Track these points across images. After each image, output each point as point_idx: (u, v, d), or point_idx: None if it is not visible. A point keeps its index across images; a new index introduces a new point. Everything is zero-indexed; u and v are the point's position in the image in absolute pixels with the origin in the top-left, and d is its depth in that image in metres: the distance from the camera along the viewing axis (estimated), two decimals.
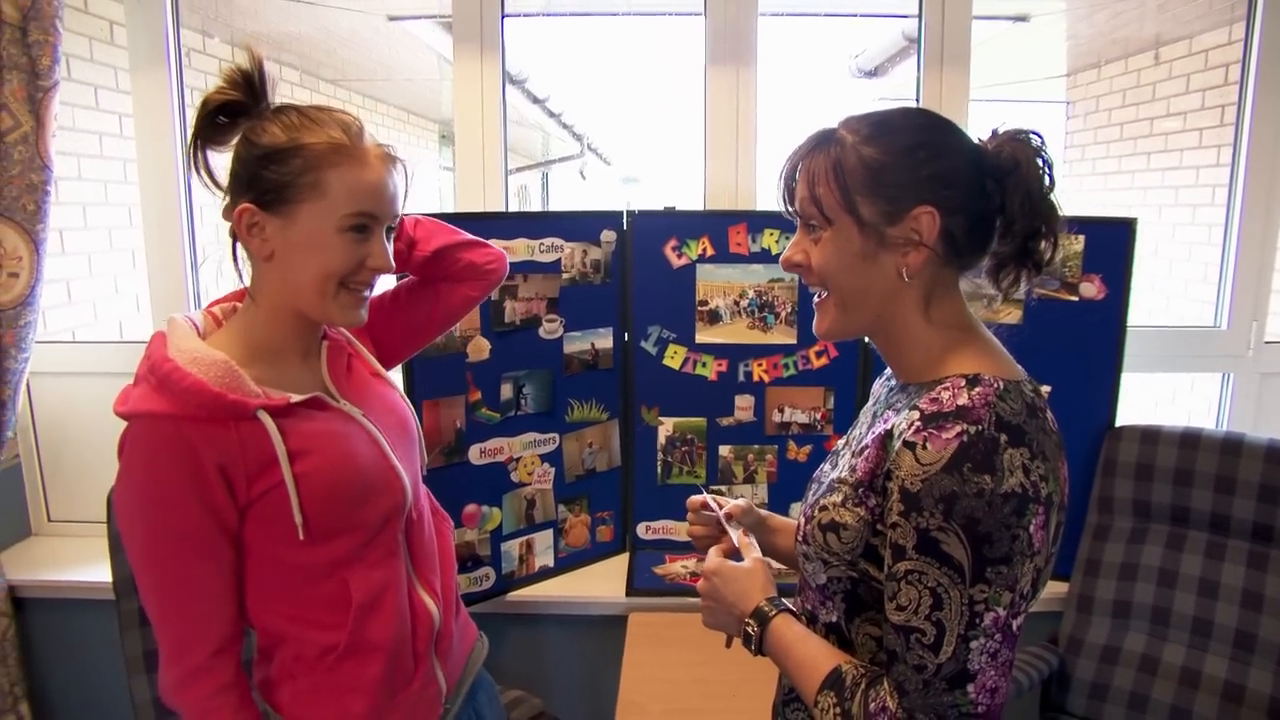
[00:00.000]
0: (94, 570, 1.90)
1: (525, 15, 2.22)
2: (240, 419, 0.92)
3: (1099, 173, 3.74)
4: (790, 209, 0.92)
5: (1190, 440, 1.71)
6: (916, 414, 0.80)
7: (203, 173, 0.99)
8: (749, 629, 0.95)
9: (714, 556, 1.04)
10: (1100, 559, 1.76)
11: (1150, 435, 1.75)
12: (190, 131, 0.99)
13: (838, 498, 0.87)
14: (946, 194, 0.84)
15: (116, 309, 2.42)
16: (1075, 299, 1.77)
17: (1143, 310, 3.22)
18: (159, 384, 0.91)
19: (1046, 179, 0.86)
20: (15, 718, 1.90)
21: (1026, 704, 1.73)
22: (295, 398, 0.97)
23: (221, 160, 1.01)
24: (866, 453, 0.85)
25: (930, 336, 0.88)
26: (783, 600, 0.96)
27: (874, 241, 0.85)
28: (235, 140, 0.98)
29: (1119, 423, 1.81)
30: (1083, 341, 1.78)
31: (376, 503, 1.02)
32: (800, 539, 0.94)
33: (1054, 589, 1.81)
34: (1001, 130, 0.88)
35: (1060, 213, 0.87)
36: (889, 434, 0.83)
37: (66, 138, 2.17)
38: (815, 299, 0.93)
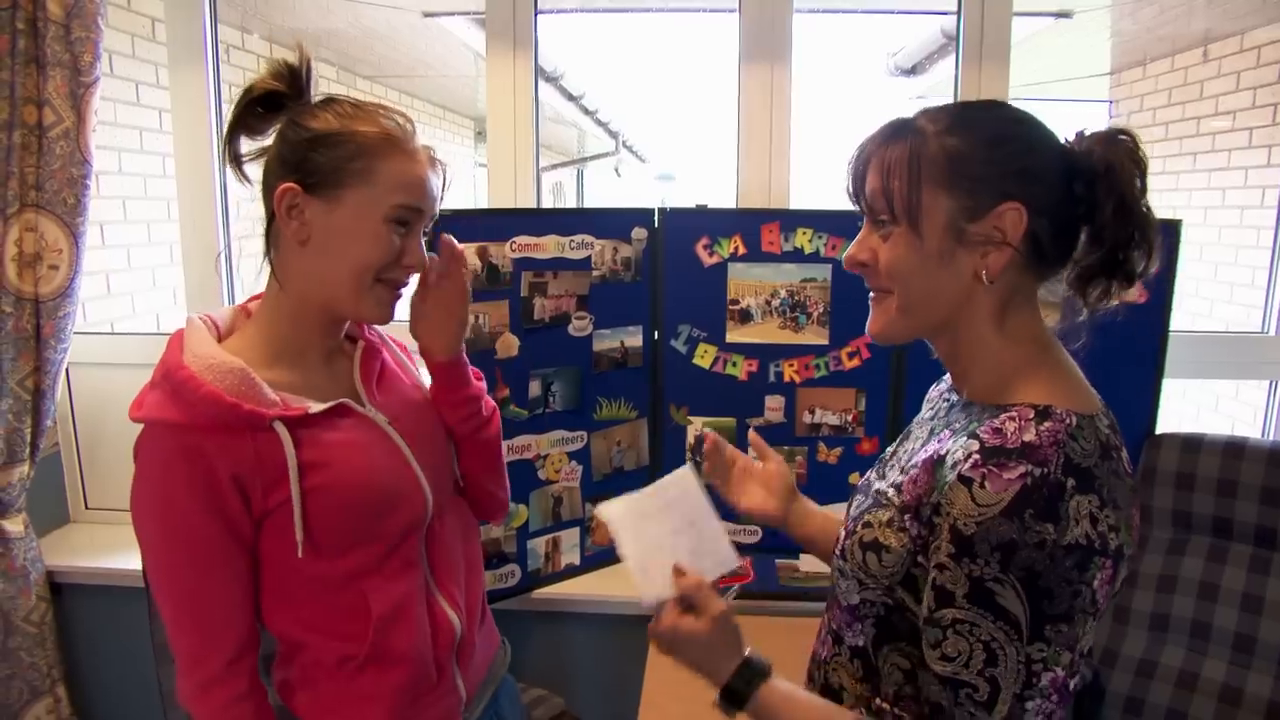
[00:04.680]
0: (129, 558, 1.93)
1: (559, 11, 2.22)
2: (257, 429, 0.91)
3: None
4: (859, 203, 0.85)
5: (1234, 449, 1.66)
6: (976, 444, 0.73)
7: (230, 157, 0.99)
8: (724, 709, 0.88)
9: (667, 617, 0.92)
10: (1138, 570, 1.72)
11: (1192, 444, 1.70)
12: (229, 116, 0.98)
13: (884, 516, 0.81)
14: (1034, 191, 0.77)
15: (154, 302, 2.46)
16: (1115, 302, 1.72)
17: (1186, 315, 3.16)
18: (173, 392, 0.90)
19: (1140, 184, 0.79)
20: (53, 699, 1.94)
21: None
22: (315, 407, 0.95)
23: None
24: (914, 474, 0.79)
25: (1003, 351, 0.81)
26: (754, 660, 0.89)
27: (952, 239, 0.78)
28: (270, 130, 0.98)
29: (1159, 430, 1.76)
30: (1123, 346, 1.73)
31: (396, 515, 1.00)
32: (838, 553, 0.87)
33: None
34: (1090, 132, 0.81)
35: (1155, 221, 0.80)
36: (941, 459, 0.76)
37: (107, 133, 2.21)
38: (871, 295, 0.85)
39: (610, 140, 6.59)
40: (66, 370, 1.92)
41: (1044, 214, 0.78)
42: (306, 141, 0.94)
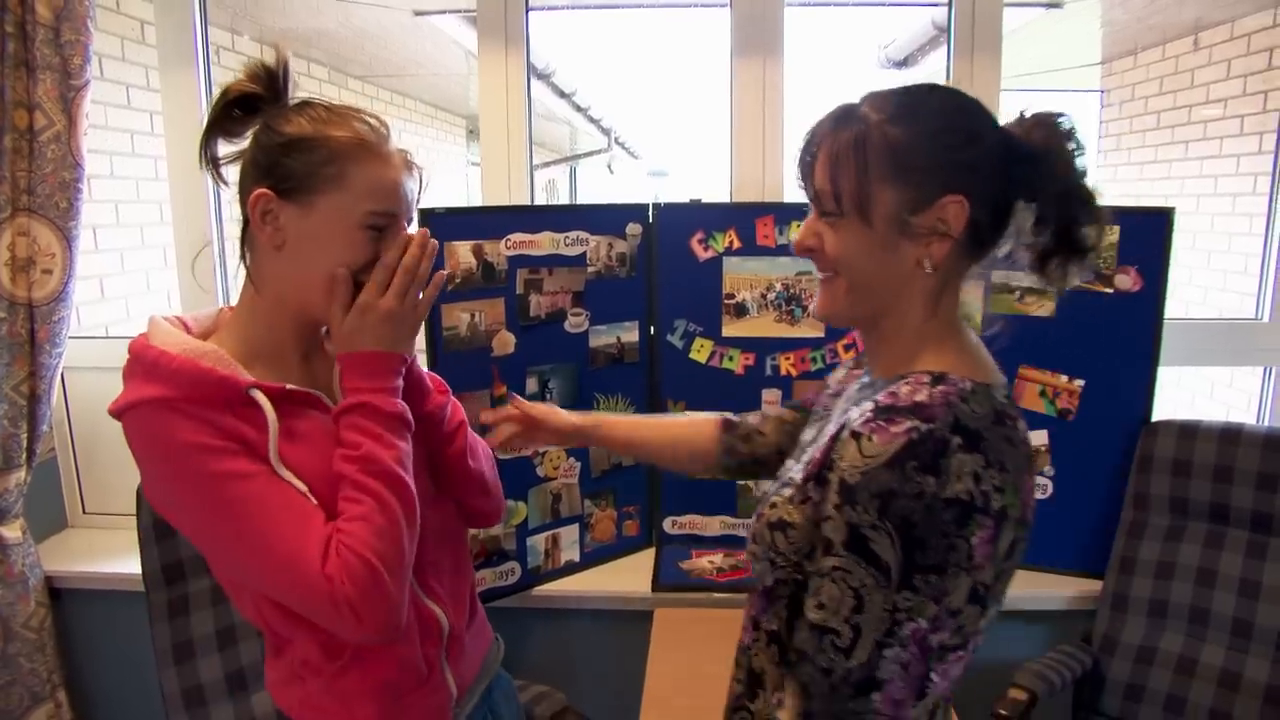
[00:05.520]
0: (127, 562, 1.93)
1: (550, 9, 2.21)
2: (235, 403, 0.89)
3: (1134, 162, 3.67)
4: (807, 189, 0.87)
5: (1230, 436, 1.66)
6: (871, 405, 0.76)
7: (207, 160, 0.98)
8: None
9: None
10: (1136, 557, 1.72)
11: (1189, 430, 1.71)
12: (206, 118, 0.98)
13: (788, 493, 0.82)
14: (976, 182, 0.79)
15: (148, 305, 2.46)
16: (1110, 291, 1.73)
17: (1180, 303, 3.17)
18: (146, 372, 0.88)
19: (1079, 165, 0.82)
20: (53, 705, 1.94)
21: (1059, 704, 1.70)
22: (288, 385, 0.95)
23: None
24: (818, 451, 0.81)
25: (923, 330, 0.84)
26: None
27: (895, 230, 0.80)
28: (248, 133, 0.97)
29: (1155, 418, 1.77)
30: (1118, 334, 1.74)
31: None
32: (750, 537, 0.89)
33: (1087, 587, 1.78)
34: (1030, 114, 0.83)
35: (1097, 197, 0.83)
36: (841, 429, 0.78)
37: (99, 136, 2.21)
38: (820, 277, 0.88)
39: (603, 137, 6.59)
40: (62, 375, 1.92)
41: (985, 203, 0.80)
42: (280, 146, 0.93)
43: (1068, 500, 1.81)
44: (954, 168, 0.79)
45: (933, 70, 3.30)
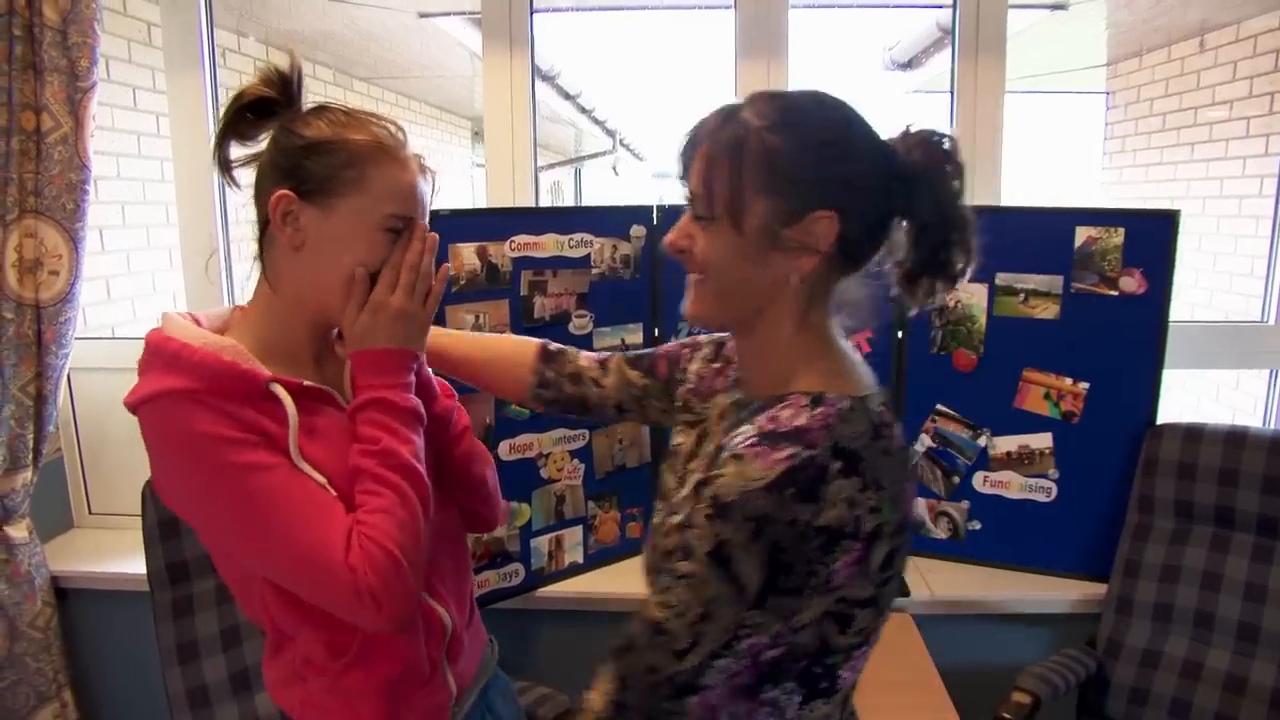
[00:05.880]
0: (132, 562, 1.93)
1: (555, 10, 2.22)
2: (256, 397, 0.90)
3: (1139, 164, 3.66)
4: (684, 188, 0.85)
5: (1236, 439, 1.66)
6: (753, 430, 0.75)
7: (219, 163, 0.99)
8: None
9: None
10: (1140, 560, 1.72)
11: (1194, 434, 1.70)
12: (220, 121, 0.99)
13: (676, 519, 0.78)
14: (849, 198, 0.78)
15: (154, 306, 2.46)
16: (1115, 293, 1.73)
17: (1185, 305, 3.16)
18: (167, 364, 0.89)
19: (957, 185, 0.81)
20: (59, 704, 1.95)
21: (1063, 707, 1.70)
22: (306, 382, 0.96)
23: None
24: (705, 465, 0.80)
25: (794, 344, 0.83)
26: None
27: (766, 240, 0.79)
28: (260, 137, 0.98)
29: (1160, 420, 1.76)
30: (1123, 337, 1.73)
31: None
32: (646, 567, 0.88)
33: (1091, 590, 1.77)
34: (914, 130, 0.82)
35: (972, 222, 0.82)
36: (721, 449, 0.77)
37: (105, 137, 2.21)
38: (690, 277, 0.86)
39: (608, 139, 6.59)
40: (68, 376, 1.92)
41: (857, 220, 0.79)
42: (300, 149, 0.94)
43: (1072, 503, 1.80)
44: (828, 183, 0.78)
45: (937, 73, 3.30)
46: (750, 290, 0.82)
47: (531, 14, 1.97)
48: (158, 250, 2.46)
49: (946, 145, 0.81)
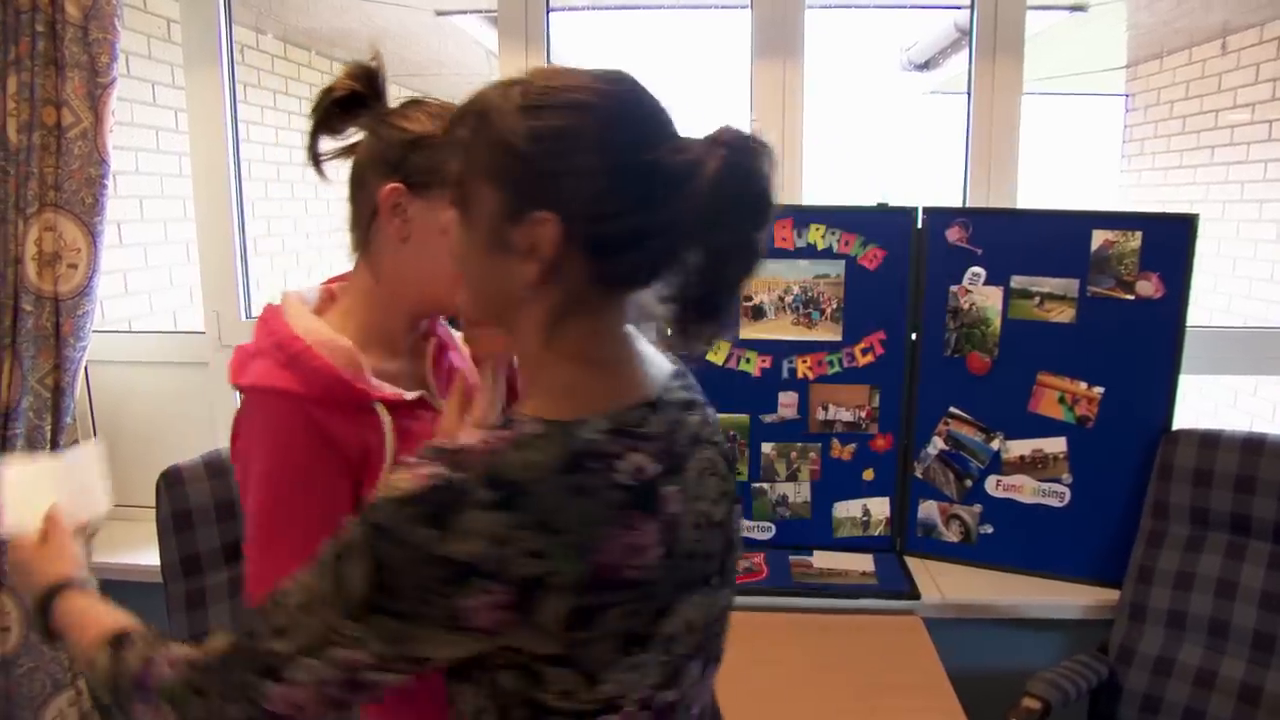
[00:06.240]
0: (147, 554, 1.95)
1: (571, 9, 2.22)
2: (360, 410, 0.93)
3: (1158, 167, 3.63)
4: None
5: (1253, 446, 1.64)
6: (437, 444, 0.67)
7: (311, 157, 1.00)
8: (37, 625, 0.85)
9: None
10: (1154, 566, 1.70)
11: (1210, 440, 1.69)
12: (312, 116, 1.00)
13: None
14: (581, 202, 0.65)
15: (171, 300, 2.48)
16: (1131, 298, 1.71)
17: (1203, 310, 3.13)
18: (288, 361, 0.91)
19: (746, 204, 0.66)
20: (74, 692, 1.97)
21: (1074, 713, 1.68)
22: (408, 395, 0.98)
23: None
24: None
25: (543, 361, 0.71)
26: (75, 579, 0.87)
27: (495, 238, 0.68)
28: (348, 130, 1.00)
29: (1176, 426, 1.75)
30: (1139, 341, 1.72)
31: None
32: None
33: (1104, 596, 1.76)
34: (721, 131, 0.68)
35: (760, 256, 0.68)
36: None
37: (124, 133, 2.23)
38: None
39: None
40: (85, 368, 1.94)
41: (597, 227, 0.66)
42: (406, 143, 0.96)
43: (1085, 509, 1.79)
44: (556, 179, 0.66)
45: (955, 74, 3.28)
46: (491, 292, 0.72)
47: (548, 12, 1.97)
48: (175, 244, 2.48)
49: (742, 146, 0.67)
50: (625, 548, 0.65)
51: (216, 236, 2.08)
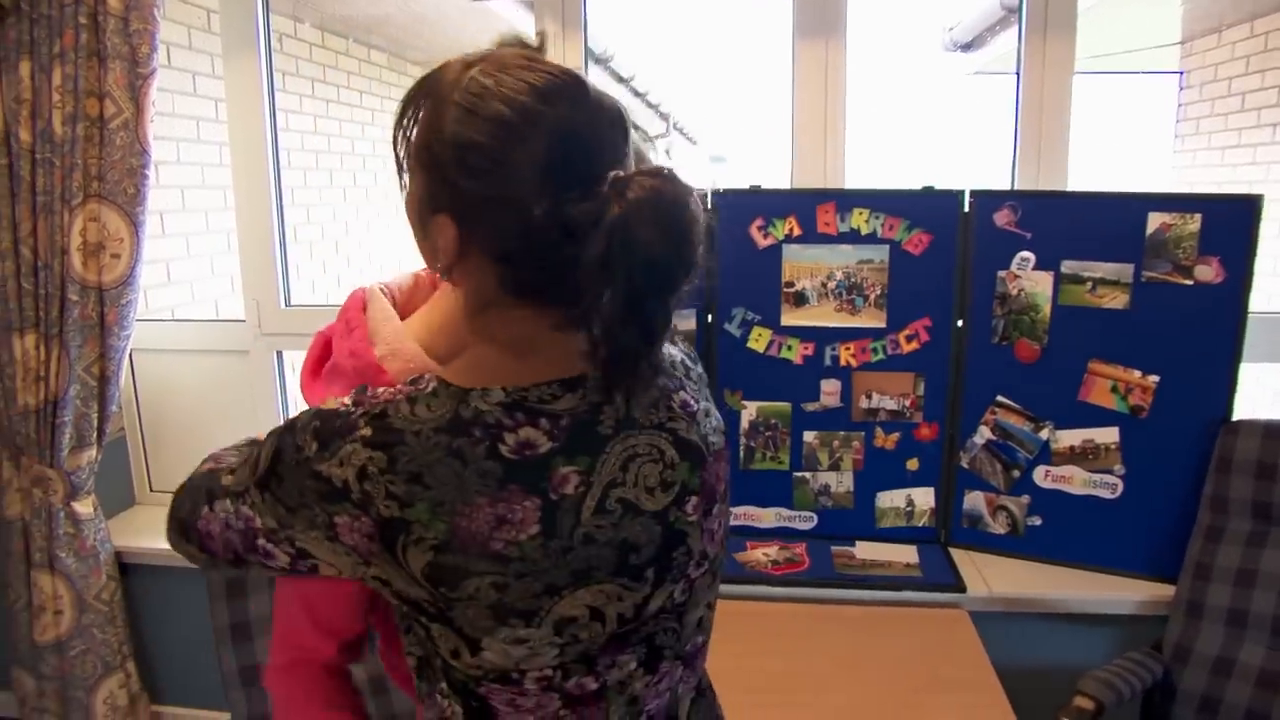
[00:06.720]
0: None
1: None
2: None
3: (1214, 147, 3.50)
4: None
5: None
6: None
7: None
8: None
9: None
10: (1213, 562, 1.64)
11: (1273, 431, 1.62)
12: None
13: None
14: (482, 225, 0.66)
15: (213, 289, 2.51)
16: (1190, 283, 1.65)
17: (1265, 295, 3.02)
18: (358, 379, 0.80)
19: (645, 262, 0.62)
20: (124, 674, 2.01)
21: (1127, 713, 1.64)
22: None
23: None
24: None
25: (471, 344, 0.73)
26: None
27: (420, 221, 0.71)
28: None
29: (1236, 416, 1.68)
30: (1198, 328, 1.66)
31: None
32: None
33: (1158, 591, 1.70)
34: (636, 172, 0.65)
35: (668, 321, 0.68)
36: None
37: (165, 123, 2.25)
38: None
39: (661, 122, 6.54)
40: (130, 356, 1.97)
41: (497, 249, 0.67)
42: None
43: (1138, 501, 1.73)
44: (461, 189, 0.66)
45: (1000, 53, 3.19)
46: (428, 260, 0.74)
47: None
48: (216, 234, 2.50)
49: (659, 193, 0.63)
50: (493, 518, 0.64)
51: (256, 225, 2.09)
